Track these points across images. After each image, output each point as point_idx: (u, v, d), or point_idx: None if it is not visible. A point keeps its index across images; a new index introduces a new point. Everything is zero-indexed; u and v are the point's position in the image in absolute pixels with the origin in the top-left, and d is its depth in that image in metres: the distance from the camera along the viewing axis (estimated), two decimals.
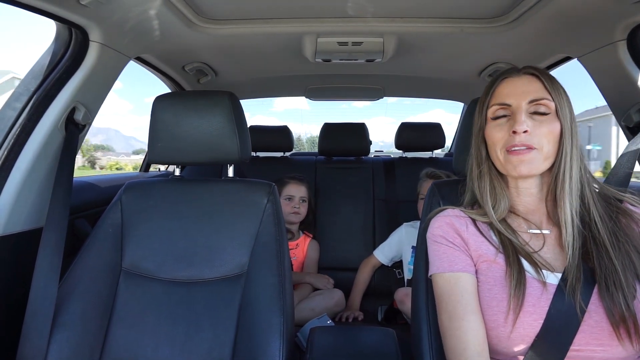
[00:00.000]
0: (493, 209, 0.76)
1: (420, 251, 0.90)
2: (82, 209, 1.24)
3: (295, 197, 1.79)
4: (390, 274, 1.78)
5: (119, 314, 0.94)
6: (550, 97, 0.71)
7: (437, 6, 1.10)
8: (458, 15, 1.15)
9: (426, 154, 2.17)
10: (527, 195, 0.76)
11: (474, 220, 0.78)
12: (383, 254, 1.73)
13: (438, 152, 2.22)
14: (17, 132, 0.97)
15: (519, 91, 0.72)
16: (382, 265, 1.75)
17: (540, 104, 0.71)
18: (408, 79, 1.87)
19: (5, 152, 0.95)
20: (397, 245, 1.71)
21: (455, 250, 0.74)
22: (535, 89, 0.72)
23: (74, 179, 1.03)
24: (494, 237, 0.74)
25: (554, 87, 0.72)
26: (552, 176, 0.73)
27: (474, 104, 0.91)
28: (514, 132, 0.70)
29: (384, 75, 1.83)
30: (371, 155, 2.30)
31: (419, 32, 1.23)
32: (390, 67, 1.64)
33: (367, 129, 2.06)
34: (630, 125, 1.04)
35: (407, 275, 1.66)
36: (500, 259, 0.71)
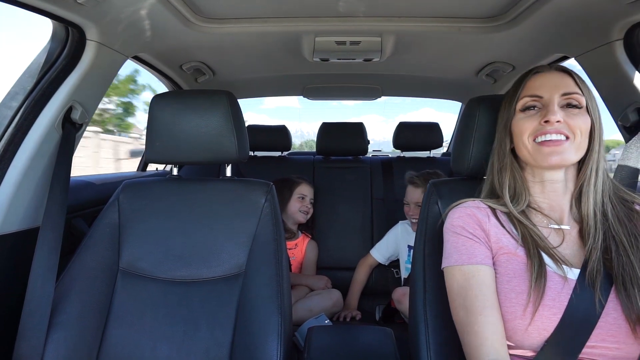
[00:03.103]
0: (512, 201, 0.76)
1: (418, 251, 0.90)
2: (79, 208, 1.24)
3: (307, 196, 1.81)
4: (387, 273, 1.79)
5: (116, 314, 0.93)
6: (581, 92, 0.72)
7: (435, 5, 1.10)
8: (456, 14, 1.15)
9: (424, 154, 2.17)
10: (552, 190, 0.75)
11: (494, 211, 0.77)
12: (380, 252, 1.73)
13: (436, 152, 2.22)
14: (14, 131, 0.96)
15: (551, 84, 0.73)
16: (380, 264, 1.75)
17: (572, 98, 0.72)
18: (406, 78, 1.87)
19: (2, 151, 0.95)
20: (393, 243, 1.72)
21: (475, 242, 0.73)
22: (567, 84, 0.73)
23: (71, 178, 1.03)
24: (514, 230, 0.74)
25: (584, 86, 0.73)
26: (583, 171, 0.73)
27: (472, 103, 0.91)
28: (547, 122, 0.70)
29: (381, 74, 1.83)
30: (369, 155, 2.31)
31: (417, 31, 1.23)
32: (388, 67, 1.65)
33: (365, 128, 2.06)
34: (627, 124, 1.05)
35: (404, 274, 1.66)
36: (521, 252, 0.71)
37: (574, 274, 0.68)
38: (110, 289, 0.95)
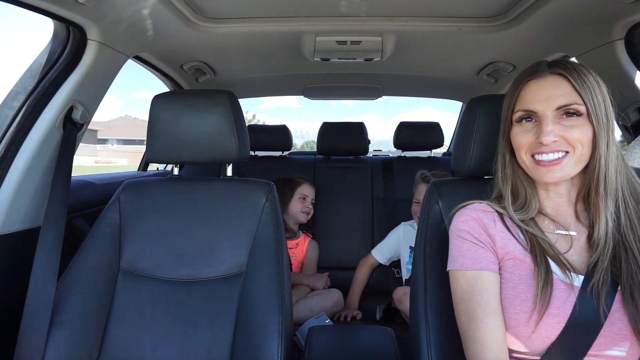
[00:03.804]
0: (522, 209, 0.73)
1: (419, 251, 0.90)
2: (80, 208, 1.24)
3: (308, 197, 1.81)
4: (388, 273, 1.78)
5: (117, 313, 0.93)
6: (580, 101, 0.66)
7: (436, 5, 1.10)
8: (456, 14, 1.15)
9: (424, 153, 2.17)
10: (556, 197, 0.74)
11: (501, 215, 0.75)
12: (381, 253, 1.73)
13: (436, 151, 2.22)
14: (15, 130, 0.96)
15: (545, 96, 0.67)
16: (381, 264, 1.75)
17: (569, 109, 0.66)
18: (406, 78, 1.87)
19: (3, 151, 0.95)
20: (395, 244, 1.71)
21: (480, 248, 0.72)
22: (563, 93, 0.66)
23: (72, 178, 1.03)
24: (521, 235, 0.72)
25: (585, 87, 0.66)
26: (586, 178, 0.70)
27: (473, 103, 0.91)
28: (540, 143, 0.67)
29: (382, 74, 1.83)
30: (370, 155, 2.31)
31: (418, 31, 1.23)
32: (389, 66, 1.64)
33: (365, 128, 2.06)
34: (627, 124, 1.05)
35: (405, 275, 1.66)
36: (528, 258, 0.70)
37: (580, 281, 0.66)
38: (112, 288, 0.95)
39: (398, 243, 1.70)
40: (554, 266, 0.68)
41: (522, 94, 0.71)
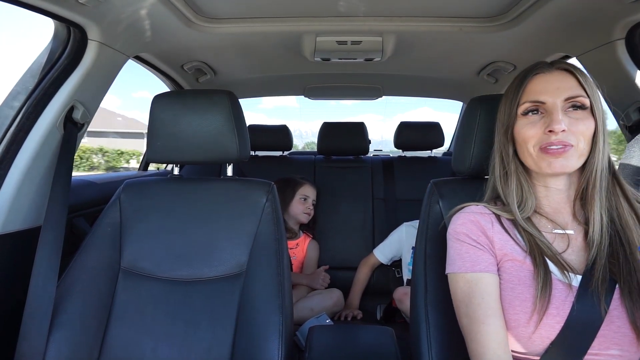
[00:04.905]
0: (519, 207, 0.73)
1: (420, 251, 0.90)
2: (80, 208, 1.24)
3: (310, 198, 1.81)
4: (389, 273, 1.79)
5: (117, 313, 0.94)
6: (585, 94, 0.68)
7: (437, 5, 1.10)
8: (457, 14, 1.15)
9: (425, 153, 2.17)
10: (556, 194, 0.74)
11: (498, 217, 0.75)
12: (382, 253, 1.73)
13: (437, 151, 2.22)
14: (15, 130, 0.96)
15: (553, 87, 0.69)
16: (381, 264, 1.75)
17: (576, 100, 0.68)
18: (407, 78, 1.87)
19: (3, 151, 0.95)
20: (396, 244, 1.71)
21: (479, 250, 0.72)
22: (570, 86, 0.69)
23: (72, 177, 1.03)
24: (519, 236, 0.72)
25: (588, 84, 0.69)
26: (584, 174, 0.71)
27: (474, 103, 0.91)
28: (551, 132, 0.67)
29: (382, 74, 1.83)
30: (370, 154, 2.31)
31: (418, 31, 1.23)
32: (389, 66, 1.64)
33: (366, 128, 2.06)
34: (628, 124, 1.05)
35: (407, 275, 1.66)
36: (527, 259, 0.70)
37: (577, 280, 0.66)
38: (112, 288, 0.96)
39: (400, 243, 1.70)
40: (552, 266, 0.68)
41: (528, 87, 0.72)
